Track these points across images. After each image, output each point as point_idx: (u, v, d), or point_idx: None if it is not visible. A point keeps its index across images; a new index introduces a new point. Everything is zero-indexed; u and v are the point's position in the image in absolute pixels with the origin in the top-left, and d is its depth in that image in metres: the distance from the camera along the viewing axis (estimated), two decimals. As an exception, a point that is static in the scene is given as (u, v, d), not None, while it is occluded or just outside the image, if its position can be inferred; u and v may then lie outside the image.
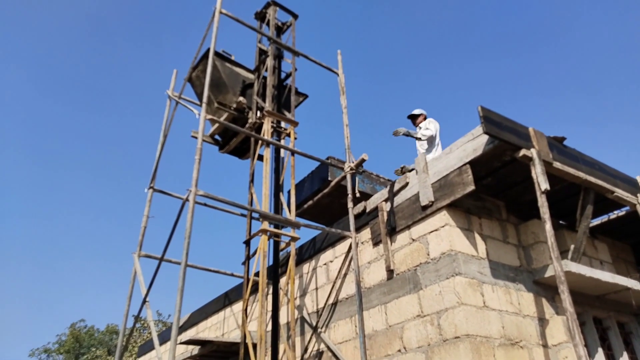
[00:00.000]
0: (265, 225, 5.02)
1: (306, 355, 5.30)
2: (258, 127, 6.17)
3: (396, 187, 4.80)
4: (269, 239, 5.19)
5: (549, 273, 4.24)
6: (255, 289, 6.17)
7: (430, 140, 5.80)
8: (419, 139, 5.79)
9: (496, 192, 4.66)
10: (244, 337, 5.24)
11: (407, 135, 5.70)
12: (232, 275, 6.96)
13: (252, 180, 6.04)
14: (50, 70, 60.56)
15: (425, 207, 4.33)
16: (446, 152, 4.39)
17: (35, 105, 56.31)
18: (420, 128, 5.99)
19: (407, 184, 4.69)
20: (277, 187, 5.88)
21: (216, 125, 6.72)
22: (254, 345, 5.15)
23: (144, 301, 5.31)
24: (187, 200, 4.27)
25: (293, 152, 5.71)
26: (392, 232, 4.67)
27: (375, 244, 4.86)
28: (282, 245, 5.78)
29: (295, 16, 6.95)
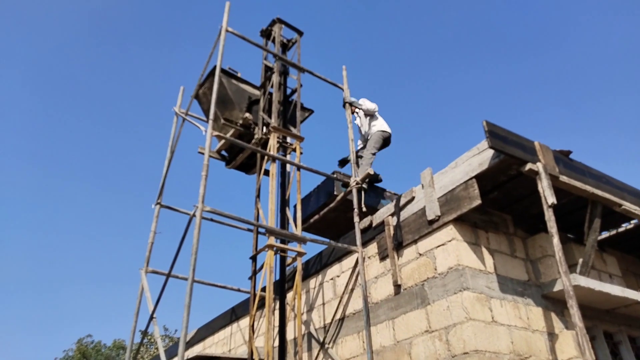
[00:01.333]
0: (272, 240, 5.03)
1: (314, 372, 5.27)
2: (264, 143, 6.22)
3: (402, 201, 4.81)
4: (275, 254, 5.19)
5: (557, 287, 4.21)
6: (262, 305, 6.15)
7: (370, 115, 6.69)
8: (360, 107, 6.66)
9: (503, 206, 4.65)
10: (251, 353, 5.22)
11: (351, 104, 6.56)
12: (238, 290, 6.95)
13: (258, 196, 6.06)
14: (60, 81, 61.35)
15: (431, 222, 4.33)
16: (452, 166, 4.40)
17: (42, 114, 57.01)
18: (357, 113, 6.85)
19: (413, 198, 4.70)
20: (283, 202, 5.90)
21: (223, 141, 6.77)
22: (261, 362, 5.12)
23: (151, 317, 5.31)
24: (194, 216, 4.30)
25: (299, 167, 5.74)
26: (399, 246, 4.66)
27: (382, 258, 4.85)
28: (289, 260, 5.78)
29: (300, 33, 7.03)
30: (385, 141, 6.60)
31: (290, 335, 5.62)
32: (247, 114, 6.41)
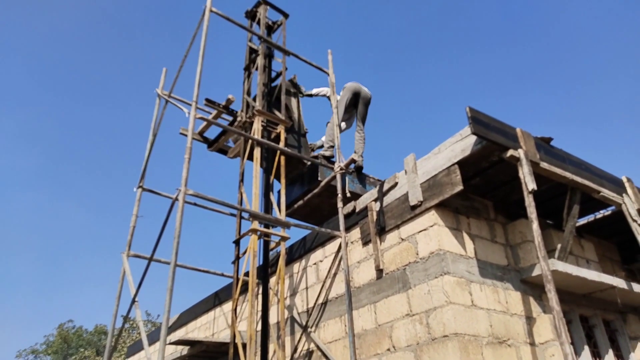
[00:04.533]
0: (255, 224, 5.01)
1: (296, 355, 5.31)
2: (249, 126, 6.16)
3: (385, 186, 4.82)
4: (258, 239, 5.18)
5: (536, 272, 4.29)
6: (245, 289, 6.16)
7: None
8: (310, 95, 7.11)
9: (484, 192, 4.70)
10: (234, 337, 5.23)
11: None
12: (222, 275, 6.95)
13: (242, 180, 6.02)
14: (49, 64, 59.81)
15: (414, 207, 4.36)
16: (435, 152, 4.42)
17: (35, 98, 55.65)
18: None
19: (396, 183, 4.72)
20: (267, 187, 5.87)
21: (205, 122, 6.70)
22: (244, 345, 5.14)
23: (133, 301, 5.28)
24: (176, 199, 4.25)
25: (283, 152, 5.71)
26: (382, 231, 4.69)
27: (365, 243, 4.88)
28: (272, 244, 5.77)
29: (286, 15, 6.94)
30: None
31: (273, 319, 5.64)
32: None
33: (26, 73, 57.31)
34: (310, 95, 7.14)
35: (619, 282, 4.75)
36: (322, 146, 7.02)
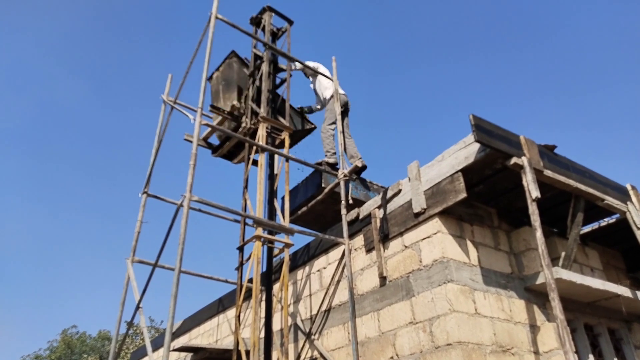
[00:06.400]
0: (259, 231, 5.02)
1: (299, 362, 5.30)
2: (253, 132, 6.19)
3: (389, 194, 4.83)
4: (262, 245, 5.19)
5: (540, 280, 4.27)
6: (248, 296, 6.16)
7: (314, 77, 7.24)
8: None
9: (488, 200, 4.70)
10: (237, 344, 5.23)
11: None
12: (225, 281, 6.94)
13: (246, 186, 6.04)
14: (54, 66, 60.29)
15: (417, 214, 4.36)
16: (438, 160, 4.43)
17: (41, 101, 56.08)
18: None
19: (399, 191, 4.72)
20: (271, 193, 5.89)
21: (209, 128, 6.74)
22: (247, 352, 5.14)
23: (137, 307, 5.28)
24: (181, 205, 4.28)
25: (287, 158, 5.73)
26: (385, 238, 4.69)
27: (368, 250, 4.88)
28: (276, 251, 5.78)
29: (290, 22, 6.98)
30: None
31: (276, 326, 5.64)
32: (235, 102, 6.37)
33: (28, 74, 57.79)
34: (316, 110, 7.31)
35: (623, 291, 4.73)
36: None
